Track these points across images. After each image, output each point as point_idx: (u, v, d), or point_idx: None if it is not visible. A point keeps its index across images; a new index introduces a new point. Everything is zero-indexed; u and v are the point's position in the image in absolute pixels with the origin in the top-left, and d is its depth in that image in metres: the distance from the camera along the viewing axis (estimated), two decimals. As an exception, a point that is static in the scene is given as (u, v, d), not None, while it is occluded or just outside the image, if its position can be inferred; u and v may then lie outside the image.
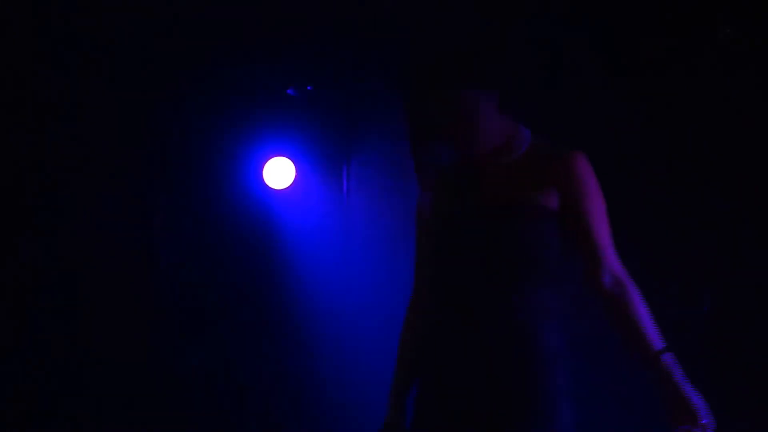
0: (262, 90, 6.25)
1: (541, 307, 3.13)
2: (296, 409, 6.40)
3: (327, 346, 6.40)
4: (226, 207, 6.42)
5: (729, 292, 4.83)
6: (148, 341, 6.25)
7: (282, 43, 5.83)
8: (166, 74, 6.00)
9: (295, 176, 6.44)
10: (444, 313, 3.21)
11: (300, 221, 6.56)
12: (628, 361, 5.12)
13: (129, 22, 5.47)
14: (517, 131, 3.23)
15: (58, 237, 6.09)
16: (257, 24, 5.65)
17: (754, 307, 4.83)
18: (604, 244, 3.15)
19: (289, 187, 6.45)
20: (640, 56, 4.84)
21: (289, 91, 6.25)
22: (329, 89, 6.29)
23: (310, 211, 6.57)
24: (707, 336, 4.86)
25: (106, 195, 6.22)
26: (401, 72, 3.25)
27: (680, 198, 4.92)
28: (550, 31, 4.85)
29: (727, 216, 4.80)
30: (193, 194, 6.40)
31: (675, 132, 4.82)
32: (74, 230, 6.12)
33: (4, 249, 5.92)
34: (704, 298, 4.87)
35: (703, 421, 3.05)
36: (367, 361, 6.20)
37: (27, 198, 5.99)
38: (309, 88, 6.25)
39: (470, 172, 3.24)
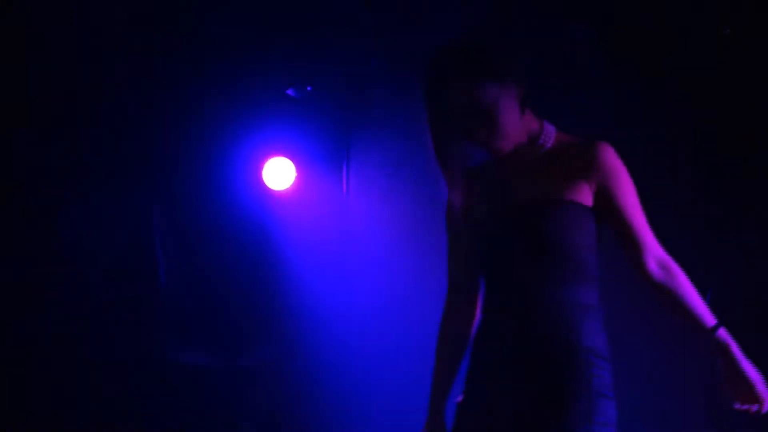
0: (262, 91, 6.25)
1: (585, 304, 3.12)
2: (296, 410, 6.41)
3: (328, 347, 6.40)
4: (226, 208, 6.41)
5: (728, 293, 4.83)
6: (149, 342, 6.26)
7: (282, 44, 5.82)
8: (166, 76, 6.00)
9: (295, 177, 6.44)
10: (493, 315, 3.21)
11: (300, 222, 6.56)
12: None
13: (129, 24, 5.47)
14: (542, 127, 3.20)
15: (57, 238, 6.09)
16: (257, 25, 5.65)
17: (753, 308, 4.84)
18: (644, 231, 3.16)
19: (289, 188, 6.45)
20: (647, 56, 4.84)
21: (288, 92, 6.24)
22: (329, 90, 6.28)
23: (309, 212, 6.57)
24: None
25: (106, 197, 6.23)
26: (421, 68, 3.16)
27: (680, 199, 4.92)
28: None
29: (727, 217, 4.80)
30: (193, 195, 6.39)
31: (675, 132, 4.82)
32: (73, 231, 6.13)
33: (4, 250, 5.93)
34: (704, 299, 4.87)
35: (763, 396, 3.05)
36: (369, 361, 6.21)
37: (27, 202, 6.01)
38: (309, 88, 6.24)
39: (501, 170, 3.21)
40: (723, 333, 3.12)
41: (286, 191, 6.47)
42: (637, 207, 3.16)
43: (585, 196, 3.10)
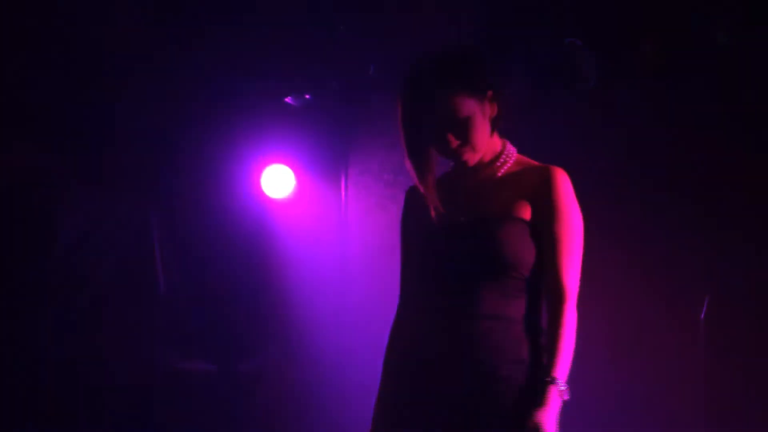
0: (261, 99, 6.26)
1: (513, 316, 3.10)
2: (295, 416, 6.41)
3: (327, 353, 6.40)
4: (226, 216, 6.42)
5: (728, 296, 4.84)
6: (149, 349, 6.26)
7: (281, 53, 5.84)
8: (166, 83, 6.01)
9: (294, 185, 6.45)
10: (418, 321, 3.21)
11: (298, 230, 6.57)
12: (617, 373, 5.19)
13: (130, 30, 5.48)
14: (504, 147, 3.23)
15: (56, 246, 6.09)
16: (257, 33, 5.67)
17: (753, 311, 4.84)
18: (554, 262, 3.08)
19: (287, 196, 6.46)
20: (638, 62, 4.86)
21: (287, 100, 6.26)
22: (327, 98, 6.30)
23: (308, 220, 6.58)
24: (706, 339, 4.88)
25: (105, 205, 6.23)
26: (402, 75, 3.19)
27: (679, 201, 4.94)
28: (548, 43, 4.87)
29: (727, 220, 4.82)
30: (193, 203, 6.40)
31: (675, 133, 4.85)
32: (72, 239, 6.13)
33: (2, 258, 5.94)
34: (702, 303, 4.88)
35: None
36: (367, 367, 6.20)
37: (25, 209, 6.01)
38: (307, 97, 6.26)
39: (455, 186, 3.25)
40: (554, 389, 2.97)
41: (285, 199, 6.48)
42: (569, 243, 3.10)
43: (525, 212, 3.11)
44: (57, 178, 6.06)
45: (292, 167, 6.46)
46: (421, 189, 3.21)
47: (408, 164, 3.21)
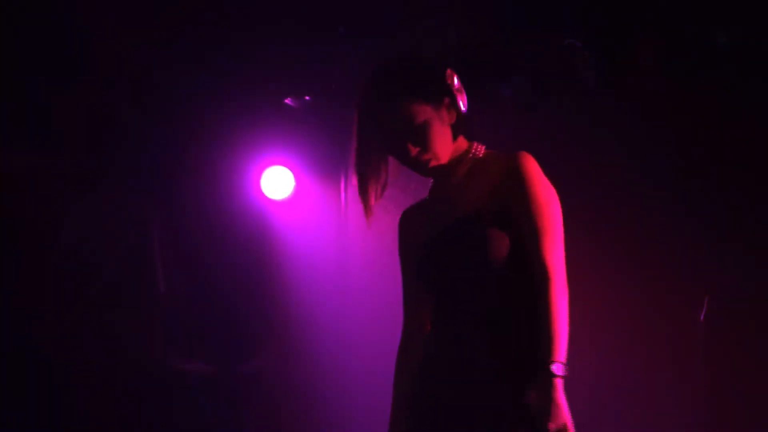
0: (260, 100, 6.26)
1: (518, 313, 3.08)
2: (296, 416, 6.40)
3: (327, 354, 6.40)
4: (225, 217, 6.42)
5: (728, 297, 4.84)
6: (149, 351, 6.26)
7: (280, 54, 5.84)
8: (165, 85, 6.01)
9: (294, 187, 6.45)
10: (436, 334, 3.22)
11: (298, 231, 6.57)
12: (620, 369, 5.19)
13: (130, 30, 5.48)
14: (471, 145, 3.23)
15: (56, 247, 6.09)
16: (255, 34, 5.66)
17: (753, 311, 4.84)
18: (535, 247, 3.03)
19: (287, 197, 6.46)
20: (637, 63, 4.87)
21: (287, 101, 6.25)
22: (327, 99, 6.29)
23: (308, 221, 6.58)
24: (706, 340, 4.88)
25: (104, 206, 6.23)
26: (359, 84, 3.20)
27: (679, 201, 4.93)
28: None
29: (726, 221, 4.82)
30: (192, 204, 6.40)
31: (674, 133, 4.84)
32: (72, 241, 6.13)
33: (3, 259, 5.94)
34: (702, 305, 4.88)
35: None
36: (367, 368, 6.21)
37: (26, 211, 6.01)
38: (307, 98, 6.26)
39: (434, 199, 3.26)
40: (548, 370, 2.92)
41: (285, 201, 6.48)
42: (545, 223, 3.05)
43: (501, 204, 3.09)
44: (57, 178, 6.06)
45: (291, 169, 6.45)
46: (361, 199, 3.26)
47: (356, 172, 3.23)
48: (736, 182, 4.69)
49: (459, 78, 4.63)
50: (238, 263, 6.46)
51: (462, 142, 3.22)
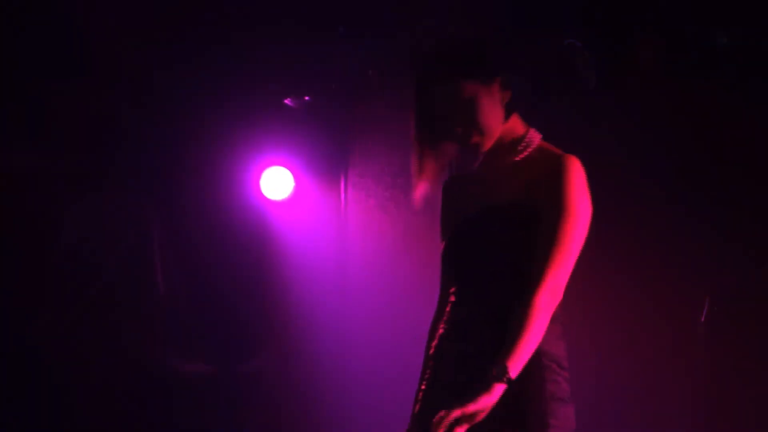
0: (260, 101, 6.26)
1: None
2: (296, 416, 6.40)
3: (326, 354, 6.40)
4: (225, 217, 6.42)
5: (729, 297, 4.84)
6: (149, 351, 6.25)
7: (280, 54, 5.83)
8: (165, 86, 6.00)
9: (293, 187, 6.45)
10: (450, 314, 3.23)
11: (297, 231, 6.56)
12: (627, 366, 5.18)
13: (130, 30, 5.47)
14: (527, 133, 3.22)
15: (56, 248, 6.09)
16: (255, 35, 5.66)
17: (754, 312, 4.84)
18: (545, 251, 3.03)
19: (286, 197, 6.46)
20: (637, 63, 4.87)
21: (286, 101, 6.25)
22: (327, 100, 6.29)
23: (307, 222, 6.58)
24: (706, 340, 4.87)
25: (104, 207, 6.23)
26: (411, 62, 3.22)
27: (680, 201, 4.93)
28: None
29: (726, 221, 4.81)
30: (192, 204, 6.40)
31: (674, 133, 4.84)
32: (72, 242, 6.13)
33: (3, 259, 5.94)
34: (702, 306, 4.88)
35: None
36: (367, 367, 6.21)
37: (26, 211, 6.01)
38: (307, 99, 6.26)
39: (476, 176, 3.26)
40: (498, 383, 2.90)
41: (284, 201, 6.48)
42: (560, 236, 3.04)
43: (534, 201, 3.10)
44: (57, 178, 6.06)
45: (291, 169, 6.46)
46: (414, 172, 3.22)
47: (413, 147, 3.21)
48: (736, 182, 4.68)
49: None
50: (237, 263, 6.46)
51: (517, 125, 3.22)
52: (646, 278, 4.97)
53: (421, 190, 3.25)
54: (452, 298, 3.23)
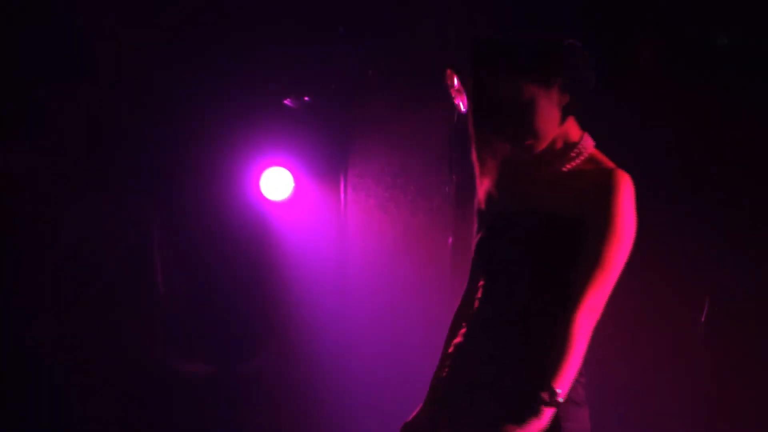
0: (260, 101, 6.25)
1: (540, 314, 3.09)
2: (296, 416, 6.40)
3: (326, 354, 6.40)
4: (224, 218, 6.42)
5: (727, 298, 4.83)
6: (149, 351, 6.25)
7: (280, 54, 5.83)
8: (165, 86, 6.00)
9: (293, 187, 6.45)
10: (476, 310, 3.24)
11: (297, 232, 6.56)
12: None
13: (130, 30, 5.48)
14: (581, 140, 3.20)
15: (56, 248, 6.09)
16: (255, 35, 5.66)
17: (754, 312, 4.83)
18: (586, 271, 3.01)
19: (286, 198, 6.46)
20: (637, 63, 4.86)
21: (286, 102, 6.25)
22: (326, 100, 6.29)
23: (307, 222, 6.57)
24: (707, 341, 4.87)
25: (104, 207, 6.23)
26: (471, 56, 3.16)
27: (679, 202, 4.93)
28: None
29: (726, 221, 4.81)
30: (192, 205, 6.40)
31: (674, 134, 4.84)
32: (72, 242, 6.13)
33: (6, 253, 5.94)
34: (703, 306, 4.88)
35: None
36: (366, 367, 6.21)
37: (26, 212, 6.01)
38: (306, 99, 6.25)
39: (521, 173, 3.23)
40: (541, 403, 2.93)
41: (284, 201, 6.48)
42: (603, 257, 3.02)
43: (577, 216, 3.08)
44: (57, 179, 6.06)
45: (291, 169, 6.45)
46: (476, 171, 3.23)
47: (472, 142, 3.22)
48: (736, 182, 4.67)
49: (459, 78, 4.65)
50: (237, 263, 6.46)
51: (572, 130, 3.19)
52: (646, 278, 4.97)
53: (484, 185, 3.26)
54: (479, 294, 3.23)
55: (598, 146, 3.27)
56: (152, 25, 5.51)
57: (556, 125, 3.13)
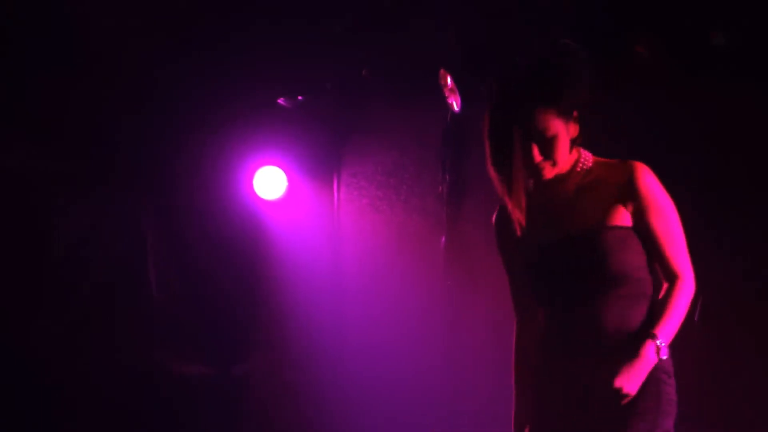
0: (253, 101, 6.25)
1: (636, 325, 3.18)
2: (289, 417, 6.40)
3: (320, 354, 6.40)
4: (218, 217, 6.42)
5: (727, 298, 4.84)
6: (143, 353, 6.24)
7: (274, 54, 5.82)
8: (158, 86, 5.99)
9: (286, 187, 6.44)
10: (549, 340, 3.28)
11: (291, 231, 6.56)
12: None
13: (125, 31, 5.46)
14: (580, 155, 3.28)
15: (49, 250, 6.08)
16: (249, 35, 5.65)
17: (749, 312, 4.84)
18: (675, 258, 3.20)
19: (280, 197, 6.45)
20: (635, 65, 4.87)
21: (280, 101, 6.24)
22: (320, 100, 6.28)
23: (300, 222, 6.57)
24: (699, 340, 4.88)
25: (97, 207, 6.22)
26: (493, 86, 3.18)
27: (679, 202, 4.93)
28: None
29: (726, 221, 4.82)
30: (185, 205, 6.39)
31: (672, 135, 4.85)
32: (65, 243, 6.12)
33: (5, 253, 5.93)
34: (695, 305, 4.88)
35: None
36: (361, 368, 6.22)
37: (19, 213, 6.00)
38: (300, 98, 6.25)
39: (539, 200, 3.28)
40: (652, 345, 3.13)
41: (277, 200, 6.47)
42: (670, 232, 3.21)
43: (624, 218, 3.18)
44: (53, 180, 6.04)
45: (284, 169, 6.45)
46: (508, 204, 3.25)
47: (493, 177, 3.24)
48: (736, 182, 4.69)
49: (453, 78, 4.64)
50: (230, 262, 6.47)
51: (573, 151, 3.26)
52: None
53: (517, 216, 3.28)
54: (542, 323, 3.29)
55: (598, 146, 3.32)
56: (147, 25, 5.49)
57: (568, 154, 3.23)
